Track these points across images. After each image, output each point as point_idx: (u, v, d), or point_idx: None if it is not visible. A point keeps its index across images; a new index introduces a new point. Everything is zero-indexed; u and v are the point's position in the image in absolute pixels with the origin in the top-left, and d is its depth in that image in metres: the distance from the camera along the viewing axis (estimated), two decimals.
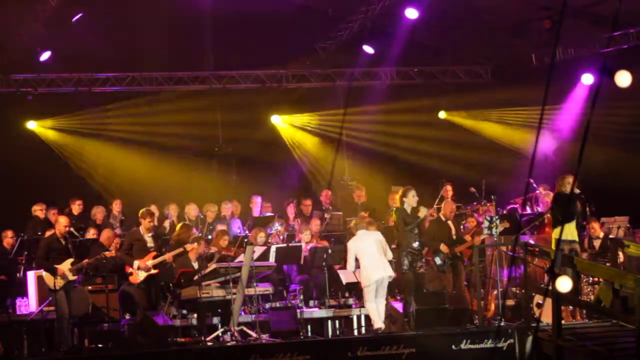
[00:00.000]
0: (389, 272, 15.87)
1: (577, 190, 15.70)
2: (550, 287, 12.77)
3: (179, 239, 16.73)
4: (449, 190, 18.86)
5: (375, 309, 15.72)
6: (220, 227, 18.06)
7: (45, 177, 20.04)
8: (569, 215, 15.50)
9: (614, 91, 9.87)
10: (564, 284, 10.24)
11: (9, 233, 17.43)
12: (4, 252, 17.29)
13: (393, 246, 16.26)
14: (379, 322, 15.69)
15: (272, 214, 19.61)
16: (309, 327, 16.74)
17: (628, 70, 9.25)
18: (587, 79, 19.78)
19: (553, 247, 15.30)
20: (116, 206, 19.09)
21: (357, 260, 15.97)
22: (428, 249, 17.33)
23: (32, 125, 21.13)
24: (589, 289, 16.34)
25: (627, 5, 17.83)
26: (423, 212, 16.21)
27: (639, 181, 19.53)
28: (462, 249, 16.74)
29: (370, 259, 15.79)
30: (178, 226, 17.48)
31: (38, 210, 18.36)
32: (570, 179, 15.64)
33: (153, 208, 18.27)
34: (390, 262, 16.00)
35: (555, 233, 15.71)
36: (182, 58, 21.38)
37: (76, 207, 18.84)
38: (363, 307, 16.50)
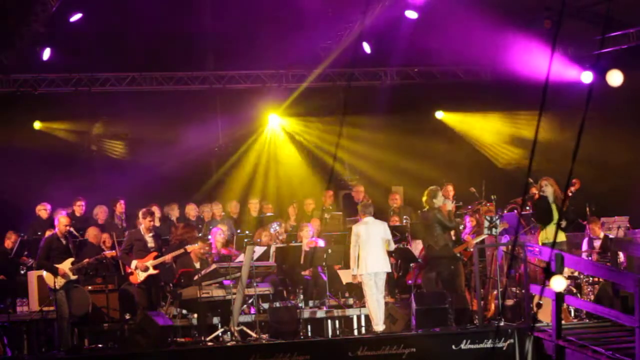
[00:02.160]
0: (386, 268, 15.87)
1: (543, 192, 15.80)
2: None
3: (182, 239, 16.75)
4: (450, 190, 18.85)
5: (377, 304, 15.69)
6: (220, 226, 18.05)
7: (48, 177, 20.07)
8: (546, 219, 15.56)
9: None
10: (558, 283, 10.24)
11: (13, 236, 17.40)
12: (4, 252, 17.29)
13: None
14: (379, 324, 15.66)
15: (271, 214, 19.63)
16: (309, 327, 16.73)
17: (626, 70, 9.27)
18: (587, 77, 19.76)
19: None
20: (119, 206, 19.08)
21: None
22: None
23: (37, 125, 21.12)
24: (589, 289, 16.34)
25: (626, 5, 17.83)
26: (449, 205, 16.23)
27: (639, 181, 19.55)
28: (461, 249, 16.73)
29: (371, 248, 15.78)
30: (179, 226, 17.50)
31: (42, 210, 18.35)
32: (543, 182, 15.69)
33: (154, 208, 18.27)
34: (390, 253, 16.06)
35: (541, 237, 15.69)
36: (182, 58, 21.38)
37: (77, 208, 18.86)
38: (363, 307, 16.50)
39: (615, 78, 9.51)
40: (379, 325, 15.68)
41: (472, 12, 18.97)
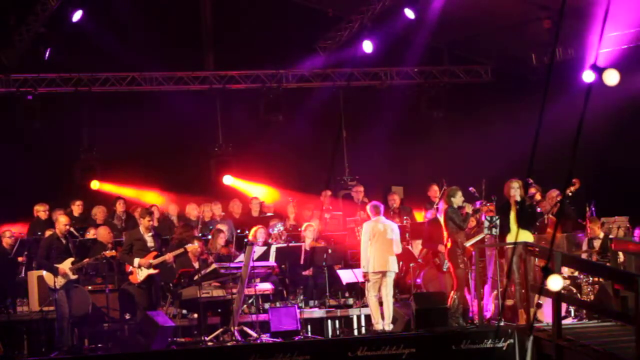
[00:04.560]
0: (394, 268, 15.85)
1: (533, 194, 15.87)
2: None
3: (181, 239, 16.75)
4: (435, 189, 18.87)
5: (377, 303, 15.68)
6: (220, 226, 18.05)
7: (47, 177, 20.07)
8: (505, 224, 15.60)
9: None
10: (554, 282, 10.23)
11: (7, 233, 17.44)
12: (4, 252, 17.30)
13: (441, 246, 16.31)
14: (384, 323, 15.63)
15: (272, 214, 19.63)
16: (309, 327, 16.74)
17: (624, 70, 9.27)
18: (588, 76, 19.70)
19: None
20: (119, 206, 19.13)
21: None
22: (428, 249, 17.33)
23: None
24: (589, 289, 16.34)
25: (626, 5, 17.86)
26: (468, 208, 16.21)
27: (638, 181, 19.54)
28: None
29: (381, 247, 15.76)
30: (178, 226, 17.49)
31: (40, 211, 18.36)
32: (515, 184, 15.71)
33: (154, 208, 18.28)
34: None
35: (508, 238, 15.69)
36: (182, 58, 21.39)
37: (76, 208, 18.90)
38: (363, 307, 16.51)
39: (612, 78, 9.54)
40: (379, 324, 15.66)
41: None
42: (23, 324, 16.13)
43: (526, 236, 15.58)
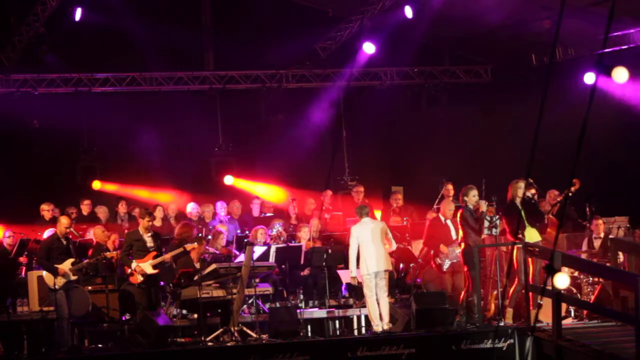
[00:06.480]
0: (385, 267, 15.82)
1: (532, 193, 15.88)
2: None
3: (181, 239, 16.74)
4: (449, 189, 18.85)
5: (375, 305, 15.68)
6: (220, 227, 18.06)
7: (52, 176, 20.11)
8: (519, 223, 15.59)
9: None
10: (561, 280, 10.24)
11: (8, 233, 17.46)
12: (4, 252, 17.30)
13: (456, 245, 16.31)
14: (379, 325, 15.62)
15: (272, 214, 19.63)
16: (309, 327, 16.74)
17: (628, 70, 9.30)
18: (590, 77, 19.71)
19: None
20: (122, 207, 19.14)
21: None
22: (428, 249, 17.33)
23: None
24: (588, 289, 16.35)
25: (627, 5, 17.84)
26: (484, 206, 16.20)
27: (638, 181, 19.55)
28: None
29: (370, 249, 15.77)
30: (178, 225, 17.48)
31: (45, 211, 18.36)
32: (521, 184, 15.70)
33: (158, 210, 18.22)
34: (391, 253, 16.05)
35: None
36: (182, 58, 21.39)
37: (85, 207, 18.93)
38: (363, 307, 16.50)
39: (620, 75, 9.58)
40: (379, 326, 15.66)
41: None
42: (23, 324, 16.12)
43: (534, 234, 15.59)
